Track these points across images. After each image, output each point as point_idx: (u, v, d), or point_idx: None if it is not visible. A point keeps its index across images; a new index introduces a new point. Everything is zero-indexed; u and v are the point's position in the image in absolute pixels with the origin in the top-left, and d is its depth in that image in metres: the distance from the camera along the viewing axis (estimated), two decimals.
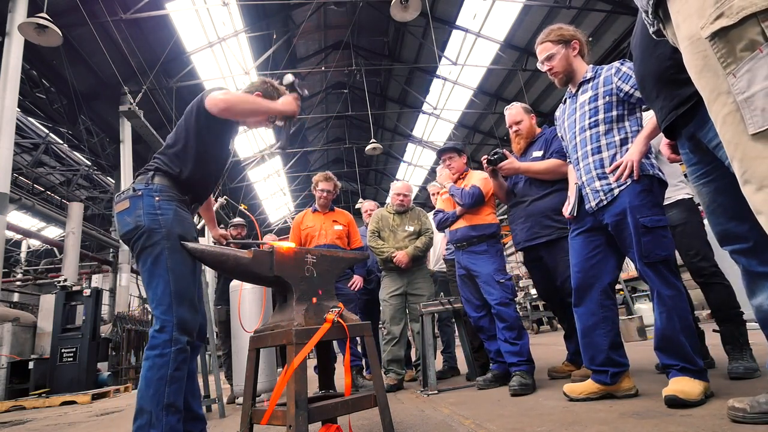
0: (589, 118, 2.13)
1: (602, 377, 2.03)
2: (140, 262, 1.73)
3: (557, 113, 2.39)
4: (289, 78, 2.07)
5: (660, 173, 2.01)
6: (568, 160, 2.36)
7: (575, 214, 2.19)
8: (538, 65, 2.28)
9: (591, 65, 2.23)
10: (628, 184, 1.96)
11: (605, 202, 2.02)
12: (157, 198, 1.73)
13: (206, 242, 2.32)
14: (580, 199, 2.18)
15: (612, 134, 2.07)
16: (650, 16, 1.21)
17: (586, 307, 2.10)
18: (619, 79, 2.06)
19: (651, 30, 1.26)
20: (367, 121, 13.59)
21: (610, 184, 2.01)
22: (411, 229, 3.80)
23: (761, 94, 0.90)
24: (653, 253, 1.88)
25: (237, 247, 2.02)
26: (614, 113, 2.08)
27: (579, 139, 2.16)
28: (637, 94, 1.98)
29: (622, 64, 2.10)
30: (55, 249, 16.52)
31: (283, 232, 19.90)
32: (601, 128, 2.09)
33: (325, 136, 18.40)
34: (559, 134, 2.41)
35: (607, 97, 2.09)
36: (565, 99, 2.32)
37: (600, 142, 2.09)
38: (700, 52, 1.00)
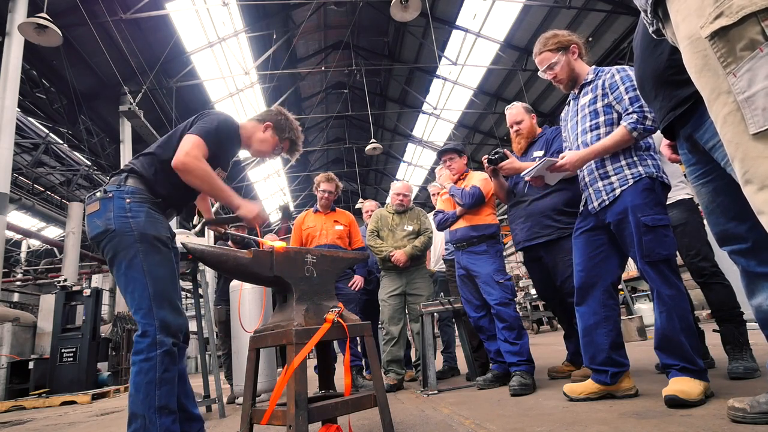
0: (590, 120, 2.13)
1: (602, 377, 2.02)
2: (114, 267, 1.69)
3: (562, 114, 2.39)
4: (286, 204, 2.00)
5: (663, 175, 2.01)
6: None
7: (528, 178, 2.23)
8: (540, 74, 2.27)
9: (593, 66, 2.23)
10: (630, 183, 1.97)
11: (607, 202, 2.02)
12: (128, 200, 1.69)
13: (206, 243, 2.31)
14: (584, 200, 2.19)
15: None
16: (649, 16, 1.21)
17: (588, 306, 2.10)
18: (618, 81, 2.07)
19: (650, 29, 1.26)
20: (367, 121, 13.59)
21: (612, 183, 2.02)
22: (410, 228, 3.80)
23: (762, 93, 0.90)
24: (654, 252, 1.88)
25: (235, 246, 2.01)
26: (615, 115, 2.08)
27: (581, 141, 2.16)
28: (626, 96, 1.99)
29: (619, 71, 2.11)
30: (55, 249, 16.51)
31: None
32: (602, 130, 2.09)
33: (325, 136, 18.40)
34: (563, 135, 2.41)
35: (606, 99, 2.09)
36: (569, 101, 2.33)
37: None
38: (700, 52, 0.99)
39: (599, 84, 2.13)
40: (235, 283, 3.89)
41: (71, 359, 6.43)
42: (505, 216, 5.77)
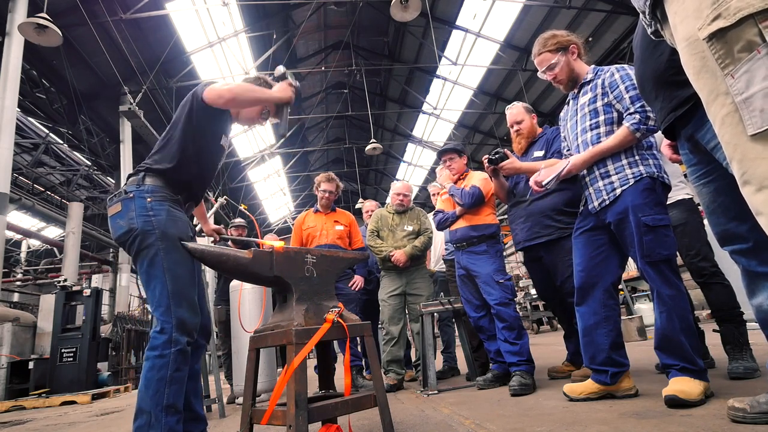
0: (590, 119, 2.13)
1: (602, 377, 2.03)
2: (137, 264, 1.73)
3: (561, 114, 2.39)
4: (280, 69, 2.12)
5: (665, 175, 2.01)
6: None
7: (548, 186, 2.15)
8: (540, 75, 2.27)
9: (592, 66, 2.23)
10: (630, 183, 1.97)
11: (608, 202, 2.02)
12: (149, 199, 1.72)
13: (207, 242, 2.32)
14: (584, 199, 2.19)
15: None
16: (648, 17, 1.21)
17: (589, 306, 2.10)
18: (618, 80, 2.07)
19: (649, 30, 1.26)
20: (367, 121, 13.59)
21: (613, 183, 2.02)
22: (410, 228, 3.80)
23: (760, 94, 0.90)
24: (655, 252, 1.88)
25: (235, 246, 2.02)
26: (614, 114, 2.08)
27: (581, 140, 2.16)
28: (626, 95, 1.99)
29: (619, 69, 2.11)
30: (55, 249, 16.53)
31: (283, 232, 19.89)
32: (602, 129, 2.09)
33: (325, 136, 18.40)
34: (562, 135, 2.42)
35: (606, 98, 2.09)
36: (569, 100, 2.33)
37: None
38: (698, 53, 1.00)
39: (598, 83, 2.13)
40: (235, 283, 3.89)
41: (71, 359, 6.44)
42: (505, 216, 5.78)
